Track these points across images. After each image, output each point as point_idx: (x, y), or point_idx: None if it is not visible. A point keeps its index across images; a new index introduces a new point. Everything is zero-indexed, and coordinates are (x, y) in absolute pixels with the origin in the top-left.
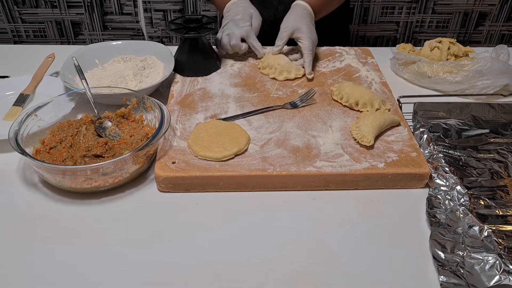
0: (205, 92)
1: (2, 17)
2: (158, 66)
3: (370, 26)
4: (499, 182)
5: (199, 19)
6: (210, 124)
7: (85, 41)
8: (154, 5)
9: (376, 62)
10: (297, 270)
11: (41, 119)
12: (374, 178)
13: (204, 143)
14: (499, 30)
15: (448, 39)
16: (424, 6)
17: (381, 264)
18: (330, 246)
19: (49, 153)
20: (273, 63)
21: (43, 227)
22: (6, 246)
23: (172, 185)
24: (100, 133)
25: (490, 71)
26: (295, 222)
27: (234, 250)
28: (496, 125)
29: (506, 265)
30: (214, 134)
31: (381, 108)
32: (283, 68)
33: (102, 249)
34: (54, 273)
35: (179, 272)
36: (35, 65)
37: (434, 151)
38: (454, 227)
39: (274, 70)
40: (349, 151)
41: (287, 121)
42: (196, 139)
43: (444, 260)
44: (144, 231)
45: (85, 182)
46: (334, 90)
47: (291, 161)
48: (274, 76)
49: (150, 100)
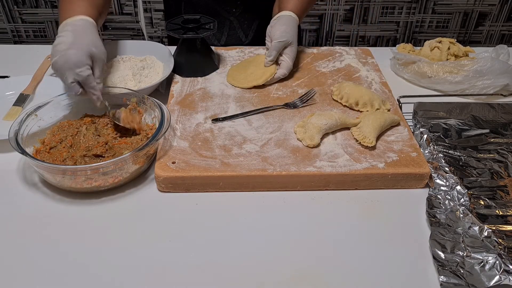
0: (205, 92)
1: (2, 17)
2: (158, 66)
3: (370, 26)
4: (499, 182)
5: (197, 19)
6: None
7: None
8: (154, 5)
9: (376, 62)
10: (297, 270)
11: (41, 119)
12: (374, 178)
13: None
14: (499, 30)
15: (448, 39)
16: (424, 6)
17: (381, 264)
18: (330, 246)
19: (49, 153)
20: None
21: (43, 227)
22: (6, 246)
23: (172, 185)
24: (117, 122)
25: (490, 71)
26: (295, 222)
27: (234, 250)
28: (496, 125)
29: (506, 265)
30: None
31: (381, 108)
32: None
33: (102, 249)
34: (54, 272)
35: (179, 272)
36: (35, 65)
37: (434, 151)
38: (454, 227)
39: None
40: (349, 151)
41: (287, 121)
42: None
43: (444, 260)
44: (144, 231)
45: (85, 182)
46: (334, 90)
47: (291, 161)
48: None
49: (150, 100)
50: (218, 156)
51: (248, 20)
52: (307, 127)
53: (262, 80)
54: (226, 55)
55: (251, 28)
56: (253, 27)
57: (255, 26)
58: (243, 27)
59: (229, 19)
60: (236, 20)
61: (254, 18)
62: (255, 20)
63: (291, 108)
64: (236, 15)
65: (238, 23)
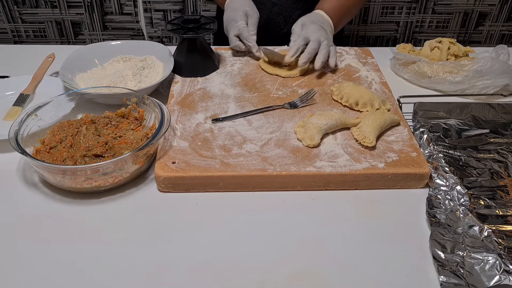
0: (205, 92)
1: (2, 17)
2: (158, 66)
3: (370, 26)
4: (499, 182)
5: (197, 19)
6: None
7: (85, 41)
8: (154, 5)
9: (376, 62)
10: (297, 270)
11: (41, 119)
12: (374, 178)
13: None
14: (499, 30)
15: (448, 39)
16: (424, 6)
17: (381, 264)
18: (330, 246)
19: (49, 153)
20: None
21: (43, 227)
22: (6, 246)
23: (172, 185)
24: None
25: (490, 71)
26: (295, 222)
27: (234, 250)
28: (496, 125)
29: (506, 265)
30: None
31: (381, 108)
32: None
33: (102, 248)
34: (54, 273)
35: (179, 272)
36: (35, 65)
37: (434, 151)
38: (454, 227)
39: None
40: (349, 151)
41: (287, 121)
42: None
43: (444, 260)
44: (144, 231)
45: (85, 182)
46: (334, 90)
47: (291, 161)
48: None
49: (150, 99)
50: (218, 156)
51: (290, 7)
52: (307, 127)
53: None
54: (226, 55)
55: (291, 17)
56: (294, 16)
57: (296, 16)
58: (284, 14)
59: (272, 1)
60: (279, 5)
61: (296, 7)
62: (297, 10)
63: (291, 108)
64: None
65: (280, 9)
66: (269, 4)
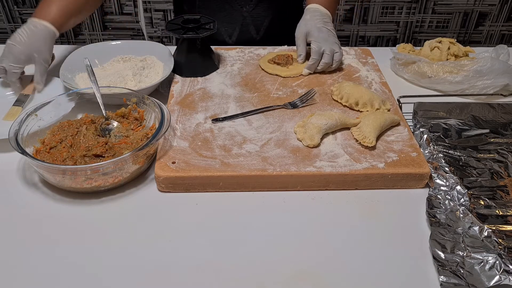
0: (205, 92)
1: (2, 17)
2: (158, 66)
3: (370, 26)
4: (499, 182)
5: (197, 19)
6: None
7: (85, 41)
8: (154, 5)
9: (376, 62)
10: (297, 270)
11: (41, 119)
12: (374, 178)
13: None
14: (499, 30)
15: (448, 39)
16: (424, 6)
17: (381, 264)
18: (330, 246)
19: (49, 153)
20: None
21: (43, 227)
22: (6, 246)
23: (172, 185)
24: (104, 135)
25: (490, 71)
26: (295, 222)
27: (234, 250)
28: (496, 125)
29: (506, 265)
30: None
31: (381, 108)
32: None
33: (102, 248)
34: (54, 272)
35: (179, 272)
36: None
37: (434, 151)
38: (454, 227)
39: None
40: (349, 151)
41: (287, 121)
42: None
43: (444, 260)
44: (144, 231)
45: (85, 182)
46: (334, 90)
47: (291, 161)
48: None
49: (150, 99)
50: (218, 156)
51: (261, 16)
52: (307, 127)
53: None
54: (226, 55)
55: (263, 24)
56: (265, 23)
57: (267, 22)
58: (255, 23)
59: (243, 15)
60: (249, 15)
61: (266, 15)
62: (268, 17)
63: (291, 108)
64: (249, 11)
65: (251, 18)
66: (240, 17)
